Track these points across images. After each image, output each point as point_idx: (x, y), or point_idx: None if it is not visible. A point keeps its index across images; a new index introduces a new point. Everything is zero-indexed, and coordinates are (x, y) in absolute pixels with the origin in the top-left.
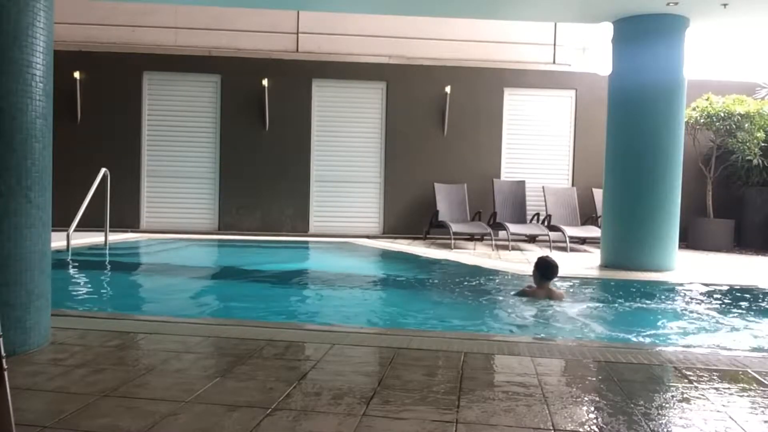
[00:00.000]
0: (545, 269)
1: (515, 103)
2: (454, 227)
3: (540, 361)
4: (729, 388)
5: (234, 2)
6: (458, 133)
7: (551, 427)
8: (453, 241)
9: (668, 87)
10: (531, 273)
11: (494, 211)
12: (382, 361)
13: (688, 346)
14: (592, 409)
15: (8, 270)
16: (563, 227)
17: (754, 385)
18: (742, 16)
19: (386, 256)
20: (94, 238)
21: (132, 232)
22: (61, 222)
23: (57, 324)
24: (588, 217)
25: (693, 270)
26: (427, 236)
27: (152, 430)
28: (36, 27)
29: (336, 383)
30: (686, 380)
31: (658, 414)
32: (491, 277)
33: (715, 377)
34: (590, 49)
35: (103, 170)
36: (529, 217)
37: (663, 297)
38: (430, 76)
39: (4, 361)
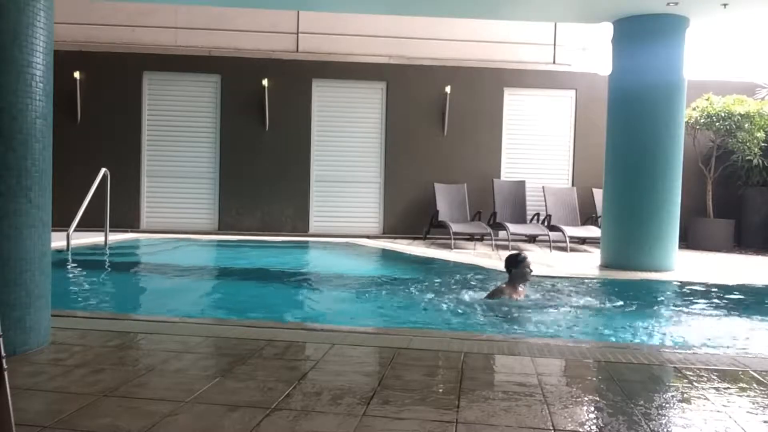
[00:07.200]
0: (506, 262)
1: (515, 103)
2: (454, 227)
3: (540, 361)
4: (729, 388)
5: (234, 2)
6: (458, 133)
7: (551, 427)
8: (453, 241)
9: (668, 87)
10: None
11: (494, 211)
12: (382, 361)
13: (688, 346)
14: (592, 409)
15: (8, 270)
16: (563, 227)
17: (754, 385)
18: (743, 15)
19: (386, 256)
20: (94, 238)
21: (132, 232)
22: (61, 222)
23: (57, 324)
24: (588, 217)
25: (693, 270)
26: (427, 236)
27: (152, 430)
28: (36, 27)
29: (336, 383)
30: (686, 380)
31: (658, 414)
32: (493, 277)
33: (715, 377)
34: (590, 49)
35: (103, 170)
36: (529, 217)
37: (663, 297)
38: (430, 76)
39: (4, 361)
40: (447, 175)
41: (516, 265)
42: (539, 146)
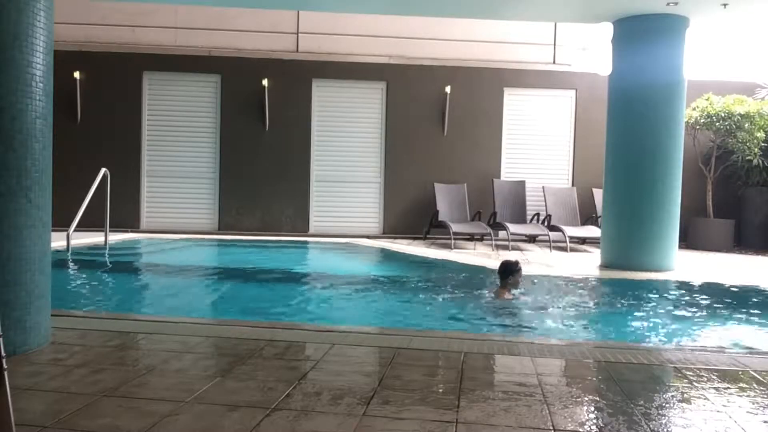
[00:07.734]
0: (499, 270)
1: (515, 103)
2: (454, 227)
3: (540, 361)
4: (729, 388)
5: (234, 2)
6: (458, 133)
7: (551, 427)
8: (453, 241)
9: (668, 87)
10: (525, 273)
11: (494, 211)
12: (382, 361)
13: (688, 346)
14: (592, 409)
15: (8, 270)
16: (563, 227)
17: (754, 385)
18: (743, 15)
19: (386, 256)
20: (94, 238)
21: (132, 232)
22: (61, 222)
23: (57, 324)
24: (588, 217)
25: (693, 270)
26: (427, 236)
27: (152, 430)
28: (36, 27)
29: (336, 383)
30: (686, 380)
31: (658, 414)
32: (492, 277)
33: (715, 377)
34: (590, 49)
35: (103, 170)
36: (529, 217)
37: (663, 297)
38: (430, 76)
39: (4, 361)
40: (447, 175)
41: (513, 273)
42: (539, 146)
